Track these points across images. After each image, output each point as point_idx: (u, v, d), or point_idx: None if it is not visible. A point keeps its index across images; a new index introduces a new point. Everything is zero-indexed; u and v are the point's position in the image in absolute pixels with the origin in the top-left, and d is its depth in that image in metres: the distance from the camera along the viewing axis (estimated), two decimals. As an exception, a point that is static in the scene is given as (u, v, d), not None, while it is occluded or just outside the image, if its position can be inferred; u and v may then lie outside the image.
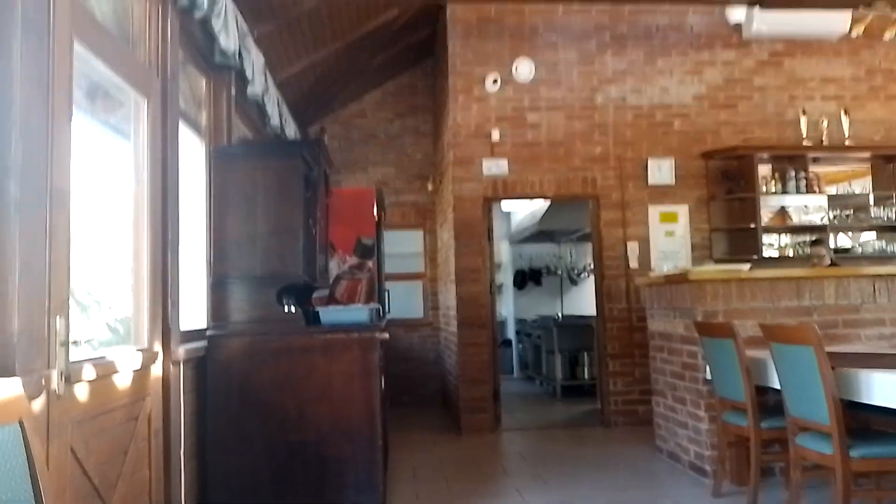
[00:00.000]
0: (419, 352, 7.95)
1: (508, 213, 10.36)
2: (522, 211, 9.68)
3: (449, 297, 6.78)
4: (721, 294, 4.27)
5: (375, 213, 5.81)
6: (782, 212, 6.56)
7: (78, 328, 2.25)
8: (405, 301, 7.77)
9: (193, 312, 3.56)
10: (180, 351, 3.00)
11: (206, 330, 3.54)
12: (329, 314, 3.65)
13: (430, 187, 7.89)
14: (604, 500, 3.94)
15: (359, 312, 3.74)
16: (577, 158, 6.33)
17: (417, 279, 8.05)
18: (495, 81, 6.22)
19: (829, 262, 5.56)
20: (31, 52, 1.86)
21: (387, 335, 3.87)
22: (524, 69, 6.25)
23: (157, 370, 2.85)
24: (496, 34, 6.32)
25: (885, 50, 6.54)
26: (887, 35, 5.22)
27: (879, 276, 4.35)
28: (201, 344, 3.39)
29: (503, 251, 10.71)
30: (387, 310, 6.01)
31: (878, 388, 2.84)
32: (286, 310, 3.59)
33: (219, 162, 3.61)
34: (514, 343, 10.55)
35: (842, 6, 5.31)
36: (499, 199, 6.62)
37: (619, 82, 6.40)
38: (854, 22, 5.50)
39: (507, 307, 10.77)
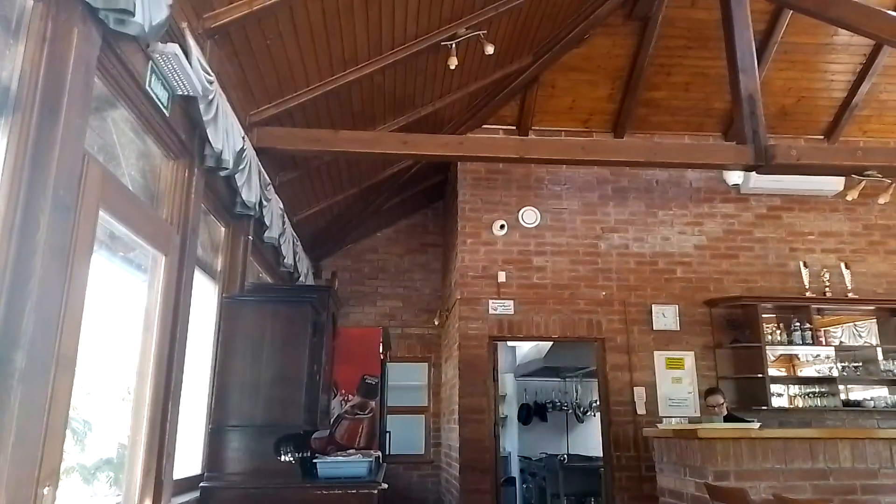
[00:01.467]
0: (419, 492, 7.62)
1: (514, 347, 10.31)
2: (528, 344, 9.64)
3: (452, 436, 6.61)
4: (732, 453, 4.14)
5: (381, 351, 5.82)
6: (790, 361, 6.52)
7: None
8: (406, 436, 7.56)
9: (188, 457, 3.49)
10: (171, 506, 2.92)
11: (200, 478, 3.46)
12: (327, 468, 3.57)
13: (436, 321, 7.94)
14: None
15: (358, 466, 3.65)
16: (583, 301, 6.41)
17: (420, 412, 7.89)
18: (503, 227, 6.45)
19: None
20: (58, 227, 1.94)
21: (385, 486, 3.76)
22: (530, 216, 6.50)
23: (145, 528, 2.76)
24: (504, 184, 6.64)
25: (879, 208, 6.76)
26: (882, 199, 5.44)
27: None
28: (194, 496, 3.30)
29: (507, 384, 10.55)
30: (387, 452, 5.85)
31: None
32: (283, 459, 3.51)
33: (229, 308, 3.69)
34: (517, 482, 10.11)
35: (835, 174, 5.57)
36: (504, 339, 6.64)
37: (621, 231, 6.61)
38: (847, 188, 5.75)
39: (511, 442, 10.43)
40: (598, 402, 7.00)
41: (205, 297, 3.81)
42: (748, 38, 5.41)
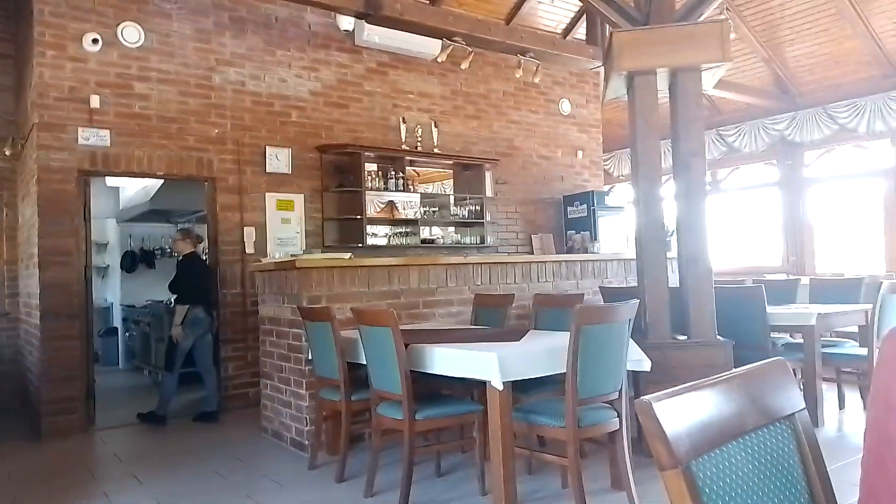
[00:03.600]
0: (-9, 348, 6.60)
1: (117, 189, 9.30)
2: (134, 187, 8.81)
3: (31, 283, 5.79)
4: (325, 280, 4.60)
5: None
6: (390, 205, 7.36)
7: None
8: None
9: None
10: None
11: None
12: None
13: (7, 151, 6.57)
14: (201, 490, 3.88)
15: None
16: (193, 138, 6.04)
17: (-10, 261, 6.65)
18: (95, 41, 5.51)
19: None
20: None
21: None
22: (132, 34, 5.69)
23: None
24: (99, -12, 5.59)
25: (464, 76, 7.82)
26: (463, 64, 6.29)
27: (451, 264, 5.25)
28: None
29: (109, 230, 9.60)
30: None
31: (438, 359, 3.44)
32: None
33: None
34: (120, 331, 9.57)
35: (432, 35, 6.17)
36: (99, 174, 5.92)
37: (237, 66, 6.31)
38: (441, 50, 6.49)
39: (114, 292, 9.71)
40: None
41: None
42: None
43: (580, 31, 8.62)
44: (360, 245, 6.68)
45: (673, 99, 4.47)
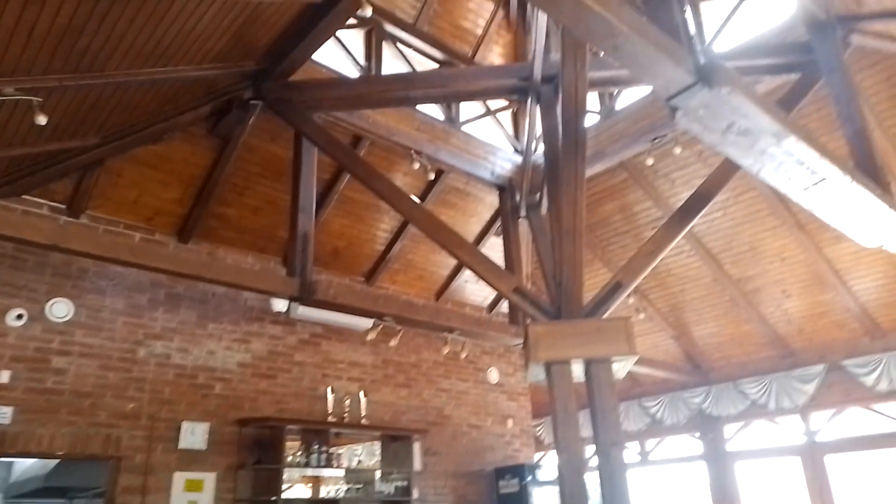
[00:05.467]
0: None
1: (10, 462, 8.52)
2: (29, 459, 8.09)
3: None
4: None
5: None
6: (314, 481, 6.93)
7: None
8: None
9: None
10: None
11: None
12: None
13: None
14: None
15: None
16: (105, 413, 5.76)
17: None
18: (20, 316, 5.50)
19: None
20: None
21: None
22: (61, 309, 5.72)
23: None
24: (36, 267, 5.74)
25: (395, 348, 8.02)
26: (392, 342, 6.53)
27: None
28: None
29: (-7, 506, 8.56)
30: None
31: None
32: None
33: None
34: None
35: (363, 316, 6.50)
36: (-9, 453, 5.45)
37: (165, 339, 6.32)
38: (371, 328, 6.79)
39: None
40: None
41: None
42: (311, 183, 6.12)
43: (506, 305, 9.22)
44: (274, 531, 6.13)
45: (588, 387, 4.66)
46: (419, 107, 7.27)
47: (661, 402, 9.32)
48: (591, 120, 7.39)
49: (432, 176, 7.45)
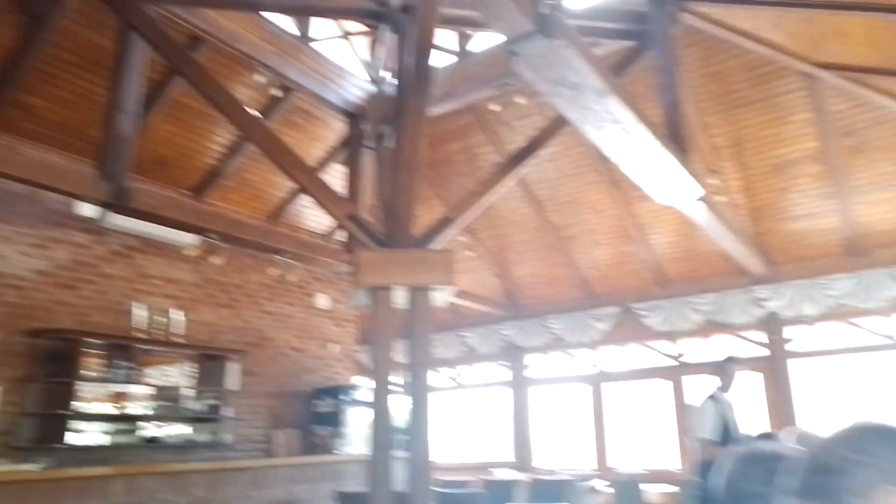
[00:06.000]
0: None
1: None
2: None
3: None
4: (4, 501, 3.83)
5: None
6: (116, 398, 6.53)
7: None
8: None
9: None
10: None
11: None
12: None
13: None
14: None
15: None
16: None
17: None
18: None
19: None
20: None
21: None
22: None
23: None
24: None
25: (220, 267, 7.69)
26: (216, 260, 6.27)
27: (167, 472, 4.74)
28: None
29: None
30: None
31: None
32: None
33: None
34: None
35: (185, 230, 6.13)
36: None
37: (-56, 236, 5.53)
38: (195, 245, 6.44)
39: None
40: None
41: None
42: (135, 82, 5.53)
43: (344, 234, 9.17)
44: (62, 446, 5.76)
45: (409, 312, 4.87)
46: (270, 16, 6.78)
47: (477, 332, 9.98)
48: (449, 60, 7.40)
49: (279, 93, 7.07)
